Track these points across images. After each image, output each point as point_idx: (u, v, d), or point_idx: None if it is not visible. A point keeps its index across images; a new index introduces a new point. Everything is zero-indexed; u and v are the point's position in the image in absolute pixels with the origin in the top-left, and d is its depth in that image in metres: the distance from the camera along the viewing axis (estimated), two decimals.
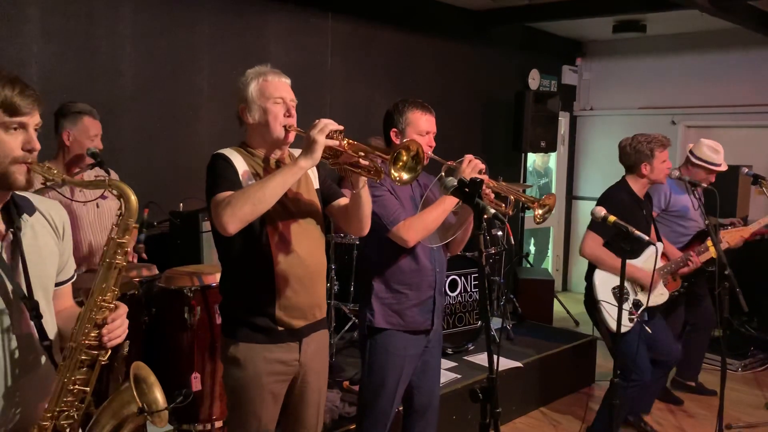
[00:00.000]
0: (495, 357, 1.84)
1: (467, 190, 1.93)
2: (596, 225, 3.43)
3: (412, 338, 2.73)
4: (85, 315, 1.52)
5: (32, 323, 1.53)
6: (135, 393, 1.55)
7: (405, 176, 1.96)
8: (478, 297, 4.50)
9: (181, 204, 3.94)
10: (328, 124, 1.97)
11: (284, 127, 2.15)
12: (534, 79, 6.97)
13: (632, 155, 3.56)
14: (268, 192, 1.96)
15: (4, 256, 1.50)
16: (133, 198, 1.53)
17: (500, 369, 4.23)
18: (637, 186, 3.59)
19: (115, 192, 1.53)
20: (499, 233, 5.00)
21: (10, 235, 1.52)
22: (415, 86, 5.77)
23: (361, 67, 5.43)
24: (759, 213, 6.26)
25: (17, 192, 1.54)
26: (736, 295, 3.41)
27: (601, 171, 7.35)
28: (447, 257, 2.88)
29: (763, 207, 6.20)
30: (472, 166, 2.47)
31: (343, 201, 2.31)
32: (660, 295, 3.62)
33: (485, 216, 1.86)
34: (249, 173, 2.13)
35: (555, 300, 6.10)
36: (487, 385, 1.86)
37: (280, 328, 2.18)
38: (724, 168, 4.14)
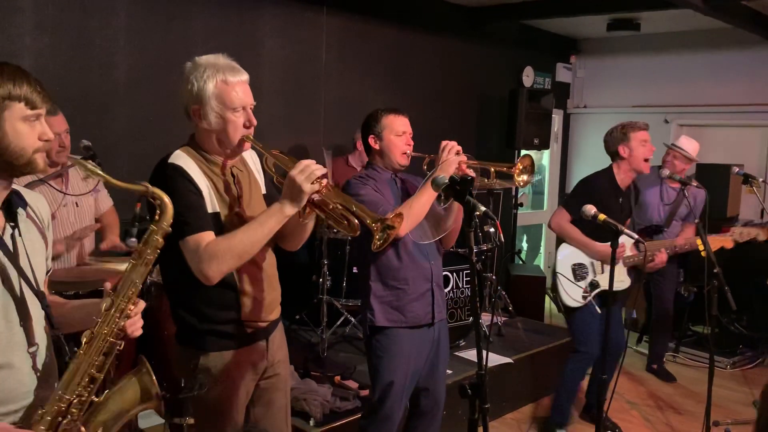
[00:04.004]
0: (484, 353, 1.86)
1: (458, 187, 1.95)
2: (568, 203, 3.66)
3: (416, 333, 2.74)
4: (114, 305, 1.57)
5: (43, 312, 1.59)
6: (154, 379, 1.63)
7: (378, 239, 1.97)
8: (469, 293, 4.51)
9: None
10: (315, 171, 1.88)
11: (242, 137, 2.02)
12: (528, 77, 6.97)
13: (609, 142, 3.72)
14: (256, 245, 1.92)
15: (11, 248, 1.54)
16: (169, 203, 1.61)
17: (491, 365, 4.28)
18: (621, 174, 3.68)
19: (156, 200, 1.62)
20: (492, 230, 5.02)
21: (10, 229, 1.56)
22: (410, 82, 5.77)
23: (356, 62, 5.43)
24: (749, 212, 6.32)
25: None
26: (724, 293, 3.44)
27: (594, 169, 7.27)
28: (441, 251, 2.90)
29: (753, 206, 6.24)
30: (448, 149, 2.54)
31: None
32: (620, 282, 3.66)
33: (476, 213, 1.88)
34: (209, 189, 2.00)
35: (546, 296, 6.13)
36: (477, 381, 1.87)
37: (248, 330, 2.11)
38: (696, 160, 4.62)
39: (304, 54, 5.03)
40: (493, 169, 2.64)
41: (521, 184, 2.61)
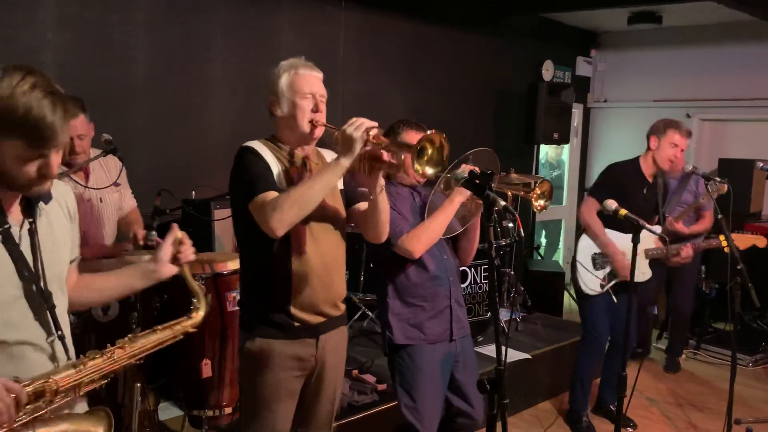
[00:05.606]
0: (503, 348, 1.85)
1: (478, 182, 1.93)
2: (595, 190, 3.64)
3: (437, 347, 2.71)
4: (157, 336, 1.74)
5: (48, 313, 1.55)
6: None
7: (429, 170, 1.96)
8: (487, 288, 4.49)
9: (194, 192, 3.96)
10: (364, 122, 1.99)
11: (311, 122, 2.16)
12: (548, 70, 6.91)
13: (650, 129, 3.72)
14: (315, 194, 2.00)
15: (23, 245, 1.53)
16: (203, 312, 1.88)
17: (509, 360, 4.22)
18: (646, 165, 3.70)
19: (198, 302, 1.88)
20: (510, 225, 4.99)
21: (27, 224, 1.55)
22: (428, 76, 5.74)
23: (374, 57, 5.41)
24: None
25: None
26: (748, 290, 3.39)
27: None
28: (459, 267, 2.87)
29: None
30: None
31: (362, 206, 2.30)
32: (641, 274, 3.63)
33: (496, 208, 1.86)
34: (279, 168, 2.15)
35: (565, 292, 6.09)
36: (495, 377, 1.86)
37: (296, 324, 2.18)
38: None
39: (322, 48, 5.03)
40: (510, 193, 2.62)
41: (538, 209, 2.60)
